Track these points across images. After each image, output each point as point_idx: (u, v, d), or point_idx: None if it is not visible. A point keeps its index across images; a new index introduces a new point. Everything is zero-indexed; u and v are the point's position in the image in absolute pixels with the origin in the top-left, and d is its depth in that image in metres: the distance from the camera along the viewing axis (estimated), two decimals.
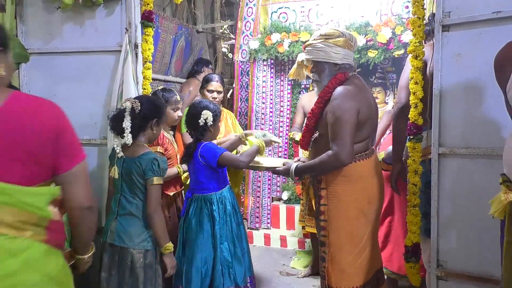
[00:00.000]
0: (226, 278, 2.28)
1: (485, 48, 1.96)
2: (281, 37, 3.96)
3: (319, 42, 2.13)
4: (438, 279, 2.12)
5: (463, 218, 2.06)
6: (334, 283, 2.11)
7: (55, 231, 1.24)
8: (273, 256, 3.95)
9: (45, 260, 1.20)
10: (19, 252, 1.14)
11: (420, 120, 2.19)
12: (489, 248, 2.00)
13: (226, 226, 2.30)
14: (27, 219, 1.16)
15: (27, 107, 1.19)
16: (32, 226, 1.18)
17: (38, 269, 1.17)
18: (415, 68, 2.16)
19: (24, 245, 1.16)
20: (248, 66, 4.28)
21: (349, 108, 2.01)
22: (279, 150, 4.26)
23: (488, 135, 1.99)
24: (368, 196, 2.12)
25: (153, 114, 2.05)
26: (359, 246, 2.11)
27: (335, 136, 2.02)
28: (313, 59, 2.17)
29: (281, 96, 4.26)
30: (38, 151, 1.17)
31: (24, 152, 1.15)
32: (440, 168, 2.10)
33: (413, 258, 2.25)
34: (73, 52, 2.65)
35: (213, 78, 3.09)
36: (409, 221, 2.26)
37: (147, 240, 2.00)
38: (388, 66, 3.92)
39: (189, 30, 4.37)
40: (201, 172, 2.30)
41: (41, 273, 1.17)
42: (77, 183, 1.28)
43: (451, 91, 2.06)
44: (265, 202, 4.30)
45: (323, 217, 2.14)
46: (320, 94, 2.17)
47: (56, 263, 1.24)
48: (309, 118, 2.23)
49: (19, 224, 1.15)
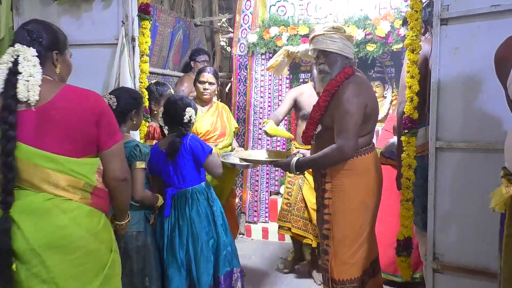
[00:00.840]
0: (230, 260, 2.36)
1: (484, 41, 1.96)
2: (280, 30, 3.95)
3: (334, 33, 2.16)
4: (434, 272, 2.13)
5: (460, 211, 2.06)
6: (337, 275, 2.13)
7: (99, 196, 1.51)
8: (271, 249, 3.96)
9: (89, 219, 1.47)
10: (69, 211, 1.42)
11: (415, 114, 2.19)
12: (485, 241, 2.00)
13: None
14: (76, 185, 1.44)
15: (75, 96, 1.47)
16: (80, 190, 1.45)
17: (83, 225, 1.44)
18: (412, 62, 2.15)
19: (73, 205, 1.44)
20: (246, 60, 4.26)
21: (358, 102, 2.05)
22: (277, 144, 4.25)
23: (486, 129, 1.98)
24: (370, 189, 2.16)
25: (131, 106, 2.10)
26: (360, 238, 2.14)
27: (341, 129, 2.05)
28: (326, 49, 2.16)
29: (279, 90, 4.24)
30: (83, 131, 1.45)
31: (72, 131, 1.43)
32: (437, 162, 2.10)
33: (405, 252, 2.26)
34: (69, 45, 2.62)
35: (205, 69, 3.04)
36: (402, 215, 2.26)
37: (138, 222, 2.12)
38: (386, 60, 3.91)
39: (187, 24, 4.34)
40: (186, 167, 2.30)
41: (85, 229, 1.44)
42: (115, 159, 1.54)
43: (449, 85, 2.05)
44: (263, 196, 4.30)
45: (327, 211, 2.16)
46: (327, 87, 2.17)
47: (98, 222, 1.50)
48: (314, 110, 2.22)
49: (70, 188, 1.43)
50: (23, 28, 1.48)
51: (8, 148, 1.35)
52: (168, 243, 2.28)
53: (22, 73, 1.39)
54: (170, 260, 2.26)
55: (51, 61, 1.52)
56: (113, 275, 1.55)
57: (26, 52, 1.42)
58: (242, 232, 4.33)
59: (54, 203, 1.41)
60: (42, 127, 1.40)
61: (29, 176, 1.39)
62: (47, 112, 1.40)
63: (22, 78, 1.39)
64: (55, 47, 1.53)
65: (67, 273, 1.41)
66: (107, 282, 1.51)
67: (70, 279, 1.41)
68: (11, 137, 1.35)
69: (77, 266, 1.42)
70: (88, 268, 1.45)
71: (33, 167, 1.38)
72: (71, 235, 1.41)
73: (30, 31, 1.47)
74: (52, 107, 1.41)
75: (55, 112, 1.41)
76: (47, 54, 1.50)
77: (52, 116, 1.41)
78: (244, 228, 4.33)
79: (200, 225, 2.27)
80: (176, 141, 2.26)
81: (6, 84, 1.39)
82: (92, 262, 1.46)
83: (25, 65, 1.40)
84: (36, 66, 1.42)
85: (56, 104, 1.42)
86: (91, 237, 1.46)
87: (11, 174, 1.36)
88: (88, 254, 1.45)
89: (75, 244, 1.42)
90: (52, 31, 1.54)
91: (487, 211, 1.69)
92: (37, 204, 1.39)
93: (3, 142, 1.35)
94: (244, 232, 4.33)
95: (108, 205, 1.60)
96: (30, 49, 1.43)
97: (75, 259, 1.42)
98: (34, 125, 1.39)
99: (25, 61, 1.41)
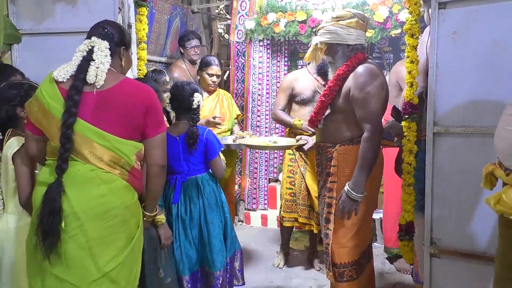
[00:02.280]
0: (235, 243, 2.44)
1: (482, 25, 1.95)
2: (277, 17, 3.91)
3: (331, 25, 2.17)
4: (432, 256, 2.14)
5: (457, 196, 2.07)
6: (338, 258, 2.17)
7: (134, 176, 1.72)
8: (270, 236, 3.99)
9: (124, 192, 1.66)
10: (109, 182, 1.62)
11: (415, 99, 2.19)
12: (482, 226, 2.02)
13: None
14: (117, 161, 1.64)
15: (131, 88, 1.69)
16: (119, 167, 1.65)
17: (119, 197, 1.64)
18: (411, 47, 2.15)
19: (113, 178, 1.64)
20: (244, 47, 4.24)
21: (377, 84, 2.09)
22: (275, 131, 4.25)
23: (483, 113, 1.98)
24: (373, 174, 2.17)
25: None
26: (359, 223, 2.17)
27: (367, 112, 2.08)
28: (325, 41, 2.21)
29: (278, 77, 4.23)
30: (132, 118, 1.66)
31: (122, 117, 1.64)
32: (435, 147, 2.10)
33: (407, 236, 2.28)
34: (65, 33, 2.61)
35: (213, 61, 3.09)
36: (404, 200, 2.27)
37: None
38: (385, 46, 3.90)
39: (184, 11, 4.30)
40: (197, 157, 2.32)
41: (121, 200, 1.64)
42: (157, 147, 1.74)
43: (447, 70, 2.05)
44: (262, 183, 4.32)
45: (330, 194, 2.19)
46: (339, 71, 2.18)
47: (132, 197, 1.70)
48: (325, 95, 2.22)
49: (111, 163, 1.63)
50: (99, 25, 1.75)
51: (69, 122, 1.56)
52: (178, 229, 2.30)
53: (95, 60, 1.63)
54: (181, 244, 2.28)
55: (118, 55, 1.77)
56: (138, 250, 1.73)
57: (101, 44, 1.67)
58: (241, 219, 4.36)
59: (97, 173, 1.61)
60: (99, 109, 1.62)
61: (81, 148, 1.59)
62: (105, 97, 1.63)
63: (94, 64, 1.63)
64: (123, 43, 1.78)
65: (101, 240, 1.58)
66: (132, 255, 1.68)
67: (102, 245, 1.58)
68: (73, 113, 1.56)
69: (110, 234, 1.60)
70: (119, 237, 1.63)
71: (86, 140, 1.59)
72: (109, 203, 1.60)
73: (104, 28, 1.74)
74: (110, 93, 1.64)
75: (111, 98, 1.64)
76: (116, 49, 1.75)
77: (108, 101, 1.64)
78: (243, 215, 4.35)
79: (212, 211, 2.31)
80: (194, 131, 2.28)
81: (78, 68, 1.63)
82: (123, 232, 1.64)
83: (99, 54, 1.65)
84: (107, 57, 1.67)
85: (113, 91, 1.65)
86: (125, 209, 1.65)
87: (68, 144, 1.56)
88: (122, 224, 1.63)
89: (111, 212, 1.60)
90: (121, 30, 1.81)
91: (483, 196, 1.70)
92: (83, 173, 1.60)
93: (66, 116, 1.56)
94: (243, 219, 4.35)
95: (141, 187, 1.80)
96: (104, 41, 1.68)
97: (110, 227, 1.60)
98: (93, 106, 1.61)
99: (99, 51, 1.65)
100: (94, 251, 1.56)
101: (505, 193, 1.47)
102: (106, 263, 1.58)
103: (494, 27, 1.93)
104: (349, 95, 2.13)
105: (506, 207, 1.45)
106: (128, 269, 1.67)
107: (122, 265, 1.63)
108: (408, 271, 3.08)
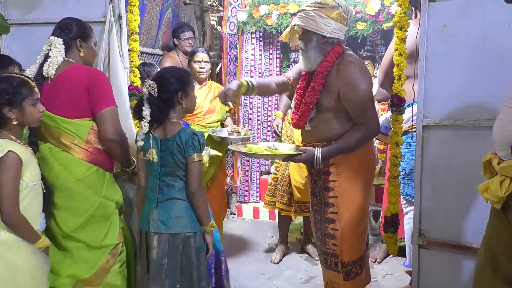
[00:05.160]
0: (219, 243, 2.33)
1: (471, 18, 1.96)
2: (270, 9, 3.90)
3: (311, 10, 2.03)
4: (420, 247, 2.17)
5: (446, 188, 2.09)
6: (347, 257, 2.10)
7: (90, 152, 1.94)
8: (262, 228, 4.01)
9: (76, 168, 1.93)
10: (60, 159, 1.92)
11: (403, 92, 2.20)
12: (469, 218, 2.04)
13: None
14: (70, 140, 1.91)
15: (74, 72, 1.94)
16: (73, 145, 1.92)
17: (69, 171, 1.92)
18: (400, 40, 2.15)
19: (64, 155, 1.92)
20: (236, 39, 4.22)
21: (367, 77, 2.05)
22: (268, 124, 4.25)
23: (472, 106, 2.00)
24: (370, 166, 2.18)
25: (174, 88, 1.88)
26: (365, 216, 2.17)
27: (361, 107, 2.02)
28: (302, 26, 2.09)
29: (270, 69, 4.22)
30: (75, 97, 1.91)
31: (67, 98, 1.91)
32: (424, 140, 2.12)
33: (392, 228, 2.30)
34: (54, 23, 2.50)
35: (198, 49, 3.10)
36: (389, 192, 2.29)
37: (194, 221, 1.93)
38: (377, 39, 3.90)
39: (176, 2, 4.27)
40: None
41: (71, 174, 1.92)
42: (104, 122, 1.93)
43: (436, 62, 2.06)
44: (254, 176, 4.33)
45: (332, 194, 2.10)
46: (319, 69, 2.06)
47: (86, 171, 1.94)
48: (310, 95, 2.08)
49: (66, 142, 1.91)
50: (58, 23, 2.03)
51: None
52: None
53: (50, 57, 1.93)
54: None
55: (76, 47, 2.01)
56: (103, 217, 1.97)
57: (56, 41, 1.96)
58: (233, 211, 4.37)
59: (52, 152, 1.92)
60: (51, 95, 1.90)
61: (43, 132, 1.93)
62: (55, 84, 1.91)
63: (49, 60, 1.92)
64: (79, 36, 2.02)
65: (62, 206, 1.92)
66: (94, 221, 1.95)
67: (63, 210, 1.92)
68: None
69: (67, 202, 1.92)
70: (77, 205, 1.92)
71: (44, 124, 1.90)
72: (59, 177, 1.91)
73: (60, 26, 2.02)
74: (58, 80, 1.92)
75: (58, 83, 1.91)
76: (72, 42, 2.00)
77: (56, 86, 1.91)
78: (235, 207, 4.36)
79: None
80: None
81: (40, 66, 1.94)
82: (78, 201, 1.92)
83: (54, 50, 1.94)
84: (61, 51, 1.95)
85: (60, 78, 1.92)
86: (77, 182, 1.92)
87: (34, 130, 1.88)
88: (75, 194, 1.92)
89: (63, 184, 1.91)
90: (78, 25, 2.04)
91: (471, 188, 1.72)
92: (43, 152, 1.92)
93: None
94: (235, 212, 4.37)
95: (104, 162, 1.99)
96: (58, 39, 1.96)
97: (65, 196, 1.92)
98: (48, 94, 1.89)
99: (54, 48, 1.95)
100: (59, 216, 1.91)
101: (492, 182, 1.49)
102: (65, 225, 1.91)
103: (483, 20, 1.94)
104: (337, 93, 2.03)
105: (491, 196, 1.48)
106: (92, 231, 1.94)
107: (83, 228, 1.92)
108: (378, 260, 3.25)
